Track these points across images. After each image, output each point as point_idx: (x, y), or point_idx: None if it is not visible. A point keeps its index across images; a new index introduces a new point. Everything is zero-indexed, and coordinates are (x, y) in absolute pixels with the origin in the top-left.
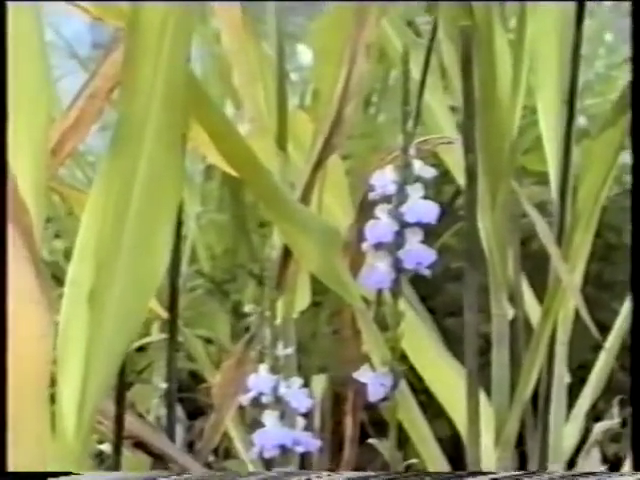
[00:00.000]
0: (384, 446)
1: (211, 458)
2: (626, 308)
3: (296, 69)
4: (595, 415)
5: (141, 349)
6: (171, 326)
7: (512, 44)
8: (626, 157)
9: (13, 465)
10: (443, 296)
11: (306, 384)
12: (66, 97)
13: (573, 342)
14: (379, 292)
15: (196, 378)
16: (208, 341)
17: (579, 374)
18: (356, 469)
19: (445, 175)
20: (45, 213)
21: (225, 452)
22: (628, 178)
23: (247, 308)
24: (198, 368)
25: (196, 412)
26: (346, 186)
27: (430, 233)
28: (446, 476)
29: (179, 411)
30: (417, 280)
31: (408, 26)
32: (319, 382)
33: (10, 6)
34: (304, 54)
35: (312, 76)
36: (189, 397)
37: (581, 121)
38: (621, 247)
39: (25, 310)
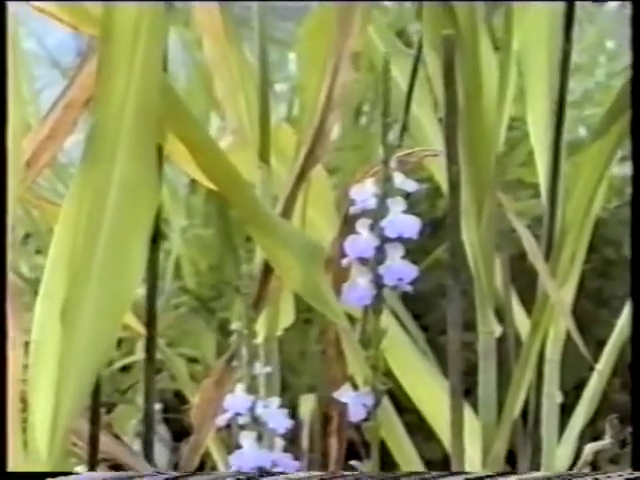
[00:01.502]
0: (366, 467)
1: None
2: (621, 322)
3: (286, 78)
4: (594, 436)
5: (126, 368)
6: (149, 344)
7: (498, 52)
8: (626, 168)
9: None
10: (437, 313)
11: (294, 404)
12: None
13: (569, 360)
14: (365, 309)
15: (182, 398)
16: (194, 360)
17: (575, 394)
18: None
19: (438, 189)
20: (16, 227)
21: None
22: (629, 190)
23: (234, 326)
24: (182, 388)
25: (182, 433)
26: (331, 199)
27: (422, 249)
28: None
29: (164, 432)
30: (410, 297)
31: (399, 35)
32: (307, 402)
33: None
34: (295, 62)
35: (297, 85)
36: (175, 418)
37: (581, 132)
38: (620, 262)
39: None
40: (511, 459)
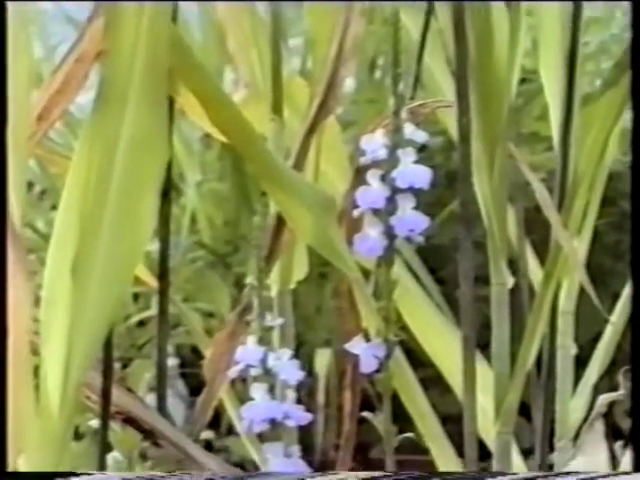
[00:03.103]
0: (378, 419)
1: (211, 435)
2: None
3: (300, 32)
4: (610, 389)
5: (142, 324)
6: (161, 297)
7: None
8: None
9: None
10: (452, 266)
11: (310, 359)
12: None
13: (585, 313)
14: (379, 261)
15: (199, 353)
16: (210, 315)
17: (592, 347)
18: (358, 444)
19: (452, 142)
20: (25, 181)
21: (228, 429)
22: None
23: (249, 280)
24: (197, 343)
25: (199, 388)
26: (344, 152)
27: (438, 202)
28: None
29: (181, 387)
30: (426, 250)
31: None
32: (323, 356)
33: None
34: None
35: (309, 39)
36: (192, 373)
37: (598, 84)
38: None
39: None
40: (524, 411)
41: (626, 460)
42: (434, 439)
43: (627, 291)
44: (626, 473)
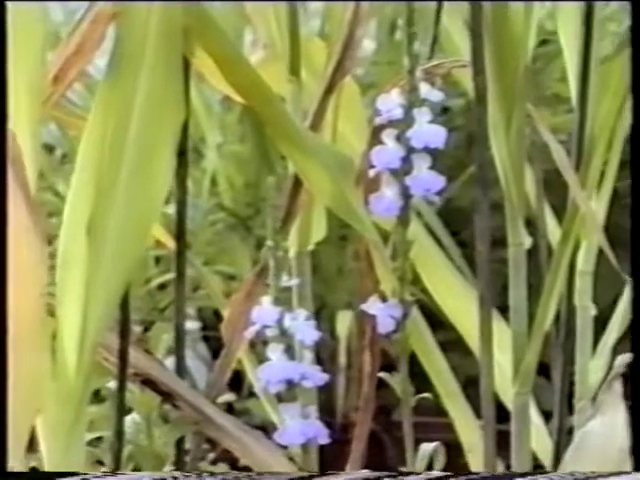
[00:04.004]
0: (395, 379)
1: (232, 397)
2: None
3: None
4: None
5: (164, 287)
6: (179, 258)
7: None
8: None
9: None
10: (473, 229)
11: (332, 320)
12: None
13: (606, 275)
14: (397, 222)
15: (221, 316)
16: (231, 278)
17: (613, 308)
18: (380, 407)
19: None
20: (40, 144)
21: (249, 391)
22: None
23: (269, 242)
24: (217, 305)
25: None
26: (362, 113)
27: (459, 164)
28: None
29: (204, 350)
30: (446, 212)
31: None
32: (345, 318)
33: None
34: None
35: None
36: (214, 336)
37: None
38: None
39: (19, 244)
40: (543, 371)
41: None
42: (453, 399)
43: None
44: (626, 473)
